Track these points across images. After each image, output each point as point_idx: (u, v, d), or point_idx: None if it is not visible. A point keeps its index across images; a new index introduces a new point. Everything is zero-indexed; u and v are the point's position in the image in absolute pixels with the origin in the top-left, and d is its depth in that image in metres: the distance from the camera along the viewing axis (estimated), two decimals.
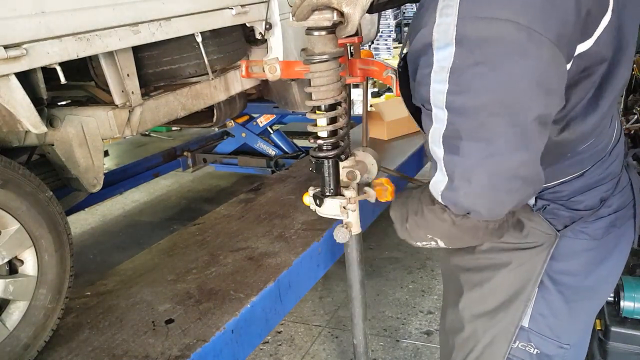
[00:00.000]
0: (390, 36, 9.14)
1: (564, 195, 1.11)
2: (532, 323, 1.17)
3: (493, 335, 1.21)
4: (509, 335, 1.18)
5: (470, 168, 0.90)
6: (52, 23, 1.49)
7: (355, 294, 1.76)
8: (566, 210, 1.11)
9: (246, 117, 4.14)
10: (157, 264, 2.13)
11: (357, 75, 1.67)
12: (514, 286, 1.16)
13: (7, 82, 1.43)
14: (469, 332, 1.25)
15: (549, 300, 1.15)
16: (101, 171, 1.92)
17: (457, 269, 1.30)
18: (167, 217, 4.31)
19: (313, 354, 2.57)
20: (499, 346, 1.20)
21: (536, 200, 1.12)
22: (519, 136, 0.86)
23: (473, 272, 1.24)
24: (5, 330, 1.48)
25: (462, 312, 1.26)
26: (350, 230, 1.57)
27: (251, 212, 2.57)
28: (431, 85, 0.88)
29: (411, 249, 3.46)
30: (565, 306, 1.15)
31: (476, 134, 0.87)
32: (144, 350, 1.58)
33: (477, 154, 0.88)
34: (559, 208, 1.11)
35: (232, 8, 2.23)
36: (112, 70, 1.81)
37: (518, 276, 1.16)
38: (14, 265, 1.53)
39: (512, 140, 0.86)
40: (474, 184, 0.91)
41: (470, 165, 0.89)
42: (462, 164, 0.90)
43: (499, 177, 0.90)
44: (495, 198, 0.93)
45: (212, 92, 2.34)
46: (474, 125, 0.86)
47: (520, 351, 1.19)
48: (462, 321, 1.27)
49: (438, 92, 0.87)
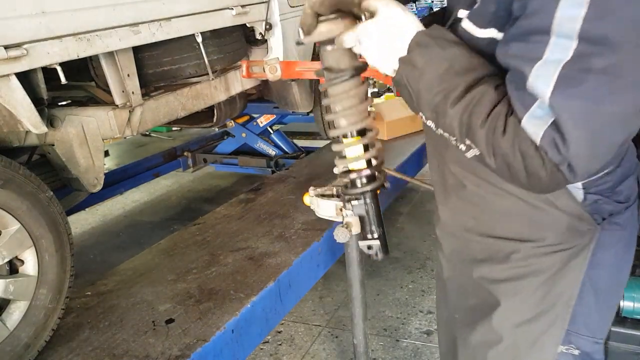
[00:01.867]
0: None
1: (609, 187, 1.03)
2: (571, 324, 1.10)
3: (538, 342, 1.12)
4: (557, 339, 1.10)
5: (590, 105, 0.76)
6: (52, 23, 1.49)
7: (355, 294, 1.76)
8: (610, 203, 1.03)
9: (246, 117, 4.14)
10: (157, 264, 2.13)
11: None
12: (558, 289, 1.08)
13: (8, 82, 1.43)
14: (509, 342, 1.15)
15: (582, 297, 1.08)
16: (101, 171, 1.92)
17: (485, 281, 1.17)
18: (167, 217, 4.31)
19: (313, 354, 2.57)
20: (545, 353, 1.11)
21: (585, 196, 1.02)
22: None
23: (510, 282, 1.12)
24: (5, 330, 1.48)
25: (499, 324, 1.15)
26: (350, 230, 1.57)
27: (251, 212, 2.57)
28: (558, 10, 0.75)
29: (411, 249, 3.46)
30: (595, 300, 1.10)
31: (612, 69, 0.74)
32: (144, 350, 1.59)
33: (604, 89, 0.75)
34: (604, 201, 1.03)
35: (232, 8, 2.23)
36: (113, 70, 1.82)
37: (562, 279, 1.07)
38: (15, 265, 1.53)
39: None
40: (589, 124, 0.77)
41: (591, 102, 0.76)
42: (582, 99, 0.76)
43: (616, 117, 0.77)
44: (602, 145, 0.80)
45: (212, 92, 2.34)
46: (612, 60, 0.74)
47: (564, 355, 1.12)
48: (499, 333, 1.15)
49: (568, 18, 0.74)
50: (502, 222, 1.10)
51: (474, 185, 1.10)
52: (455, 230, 1.21)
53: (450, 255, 1.28)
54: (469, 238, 1.18)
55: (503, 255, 1.11)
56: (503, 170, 0.87)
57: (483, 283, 1.17)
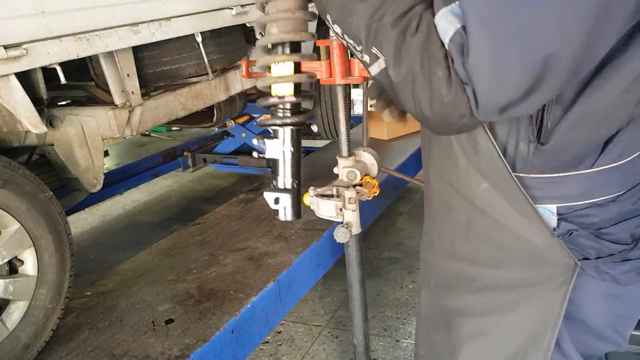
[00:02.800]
0: None
1: (594, 222, 0.88)
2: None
3: None
4: None
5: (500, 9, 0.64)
6: (52, 23, 1.49)
7: (355, 294, 1.76)
8: (593, 240, 0.88)
9: (246, 117, 4.14)
10: (157, 264, 2.13)
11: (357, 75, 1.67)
12: (528, 333, 0.93)
13: (7, 82, 1.43)
14: None
15: (562, 348, 0.94)
16: (101, 171, 1.92)
17: (450, 313, 1.04)
18: (167, 217, 4.31)
19: (313, 354, 2.57)
20: None
21: (559, 223, 0.88)
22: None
23: (473, 318, 1.00)
24: (5, 330, 1.48)
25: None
26: (350, 230, 1.57)
27: (251, 212, 2.57)
28: None
29: (411, 249, 3.46)
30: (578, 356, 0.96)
31: None
32: (144, 350, 1.58)
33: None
34: (585, 236, 0.88)
35: (232, 8, 2.23)
36: (112, 70, 1.82)
37: (532, 321, 0.92)
38: (14, 265, 1.53)
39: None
40: (495, 33, 0.65)
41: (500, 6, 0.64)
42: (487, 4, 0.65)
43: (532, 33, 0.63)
44: (508, 66, 0.67)
45: (212, 92, 2.34)
46: None
47: None
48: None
49: None
50: (463, 240, 0.98)
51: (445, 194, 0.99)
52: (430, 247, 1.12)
53: (421, 281, 1.18)
54: (437, 260, 1.08)
55: (465, 282, 0.99)
56: (406, 87, 0.75)
57: (449, 316, 1.05)
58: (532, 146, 0.83)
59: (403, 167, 3.03)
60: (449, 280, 1.04)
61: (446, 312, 1.05)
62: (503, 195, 0.88)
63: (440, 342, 1.08)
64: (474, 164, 0.90)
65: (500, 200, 0.89)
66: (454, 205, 0.98)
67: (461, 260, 1.00)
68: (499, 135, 0.86)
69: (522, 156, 0.85)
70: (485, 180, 0.89)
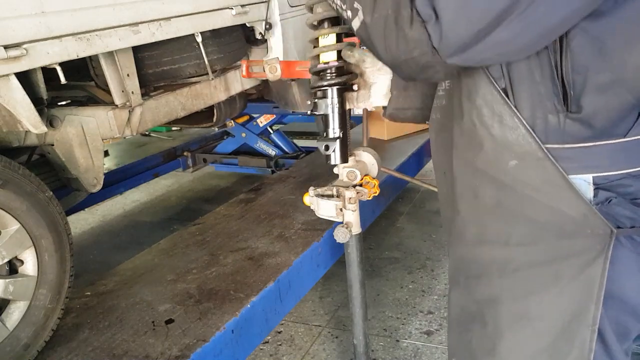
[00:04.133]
0: None
1: (630, 192, 0.87)
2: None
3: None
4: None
5: None
6: (52, 23, 1.49)
7: (355, 294, 1.76)
8: (629, 209, 0.87)
9: (246, 117, 4.14)
10: (157, 264, 2.13)
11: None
12: (572, 309, 0.90)
13: (7, 82, 1.43)
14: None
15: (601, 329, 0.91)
16: (101, 171, 1.92)
17: (485, 305, 1.01)
18: (167, 217, 4.31)
19: (313, 354, 2.57)
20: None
21: (596, 192, 0.87)
22: None
23: (511, 303, 0.96)
24: (5, 330, 1.48)
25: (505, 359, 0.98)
26: (350, 230, 1.57)
27: (251, 212, 2.57)
28: None
29: (411, 249, 3.46)
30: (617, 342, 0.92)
31: None
32: (144, 350, 1.58)
33: None
34: (622, 204, 0.87)
35: (232, 8, 2.23)
36: (112, 70, 1.81)
37: (574, 295, 0.90)
38: (14, 265, 1.53)
39: None
40: None
41: None
42: None
43: None
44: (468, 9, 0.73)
45: (212, 92, 2.34)
46: None
47: None
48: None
49: None
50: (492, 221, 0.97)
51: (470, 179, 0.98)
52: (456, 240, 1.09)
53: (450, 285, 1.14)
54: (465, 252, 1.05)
55: (498, 266, 0.97)
56: (378, 31, 0.82)
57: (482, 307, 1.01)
58: (562, 116, 0.84)
59: (403, 167, 3.03)
60: (481, 269, 1.01)
61: (480, 306, 1.02)
62: (533, 169, 0.88)
63: (476, 340, 1.04)
64: (501, 142, 0.89)
65: (530, 175, 0.88)
66: (480, 189, 0.96)
67: (491, 243, 0.98)
68: (524, 109, 0.86)
69: (553, 128, 0.85)
70: (513, 156, 0.89)
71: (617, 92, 0.80)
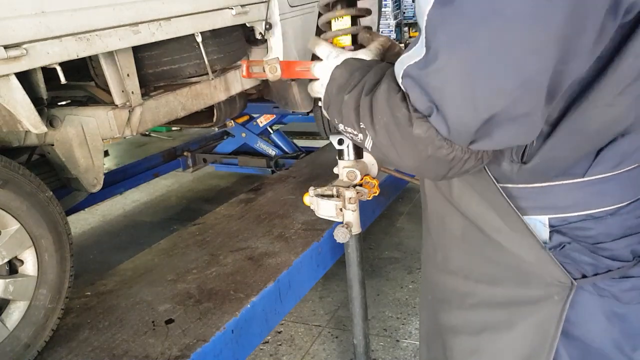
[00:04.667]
0: (390, 36, 9.15)
1: (590, 235, 0.81)
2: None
3: None
4: None
5: (462, 29, 0.61)
6: (52, 23, 1.49)
7: (355, 294, 1.75)
8: (588, 255, 0.81)
9: (246, 117, 4.14)
10: (157, 264, 2.13)
11: None
12: (523, 354, 0.88)
13: (7, 82, 1.43)
14: None
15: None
16: (101, 171, 1.92)
17: (445, 330, 1.02)
18: (167, 217, 4.31)
19: (313, 354, 2.57)
20: None
21: (551, 235, 0.82)
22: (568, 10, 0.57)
23: (466, 336, 0.96)
24: (5, 330, 1.48)
25: None
26: (350, 230, 1.57)
27: (251, 212, 2.57)
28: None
29: (411, 249, 3.46)
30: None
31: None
32: (144, 350, 1.58)
33: (482, 8, 0.60)
34: (580, 251, 0.81)
35: (232, 8, 2.23)
36: (112, 70, 1.81)
37: (527, 341, 0.87)
38: (14, 265, 1.53)
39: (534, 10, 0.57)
40: (457, 55, 0.63)
41: (464, 24, 0.61)
42: (453, 21, 0.62)
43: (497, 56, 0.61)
44: (473, 92, 0.63)
45: (212, 92, 2.34)
46: None
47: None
48: None
49: None
50: (456, 253, 0.96)
51: (439, 205, 0.97)
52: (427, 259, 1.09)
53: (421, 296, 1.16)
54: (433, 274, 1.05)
55: (458, 297, 0.96)
56: (386, 142, 0.77)
57: (444, 333, 1.02)
58: (516, 166, 0.80)
59: None
60: (443, 295, 1.02)
61: (441, 329, 1.03)
62: (493, 208, 0.85)
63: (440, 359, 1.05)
64: (465, 180, 0.88)
65: (491, 214, 0.86)
66: (447, 217, 0.96)
67: (454, 274, 0.97)
68: None
69: (505, 173, 0.82)
70: (475, 193, 0.87)
71: (577, 141, 0.74)
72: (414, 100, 0.70)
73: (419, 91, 0.68)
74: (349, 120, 0.85)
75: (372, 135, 0.79)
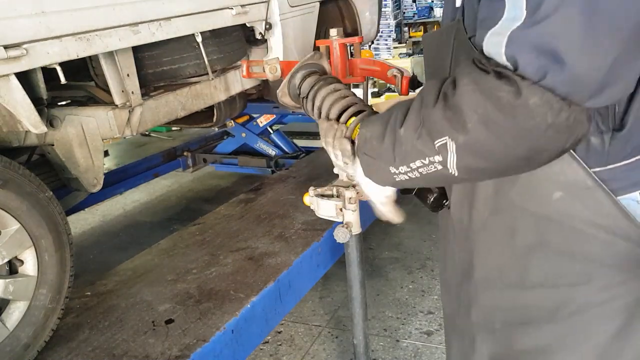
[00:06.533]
0: (390, 36, 9.14)
1: None
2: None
3: None
4: None
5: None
6: (52, 23, 1.49)
7: (355, 294, 1.75)
8: None
9: (246, 117, 4.14)
10: (157, 264, 2.13)
11: (357, 75, 1.67)
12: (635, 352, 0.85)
13: (7, 82, 1.43)
14: None
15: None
16: (101, 171, 1.92)
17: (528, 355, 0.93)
18: (167, 217, 4.31)
19: (313, 354, 2.57)
20: None
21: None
22: None
23: (566, 353, 0.89)
24: (5, 330, 1.48)
25: None
26: (350, 230, 1.57)
27: (251, 212, 2.57)
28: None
29: (411, 249, 3.46)
30: None
31: None
32: (144, 350, 1.58)
33: None
34: None
35: (232, 8, 2.23)
36: (112, 70, 1.81)
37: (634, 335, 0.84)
38: (14, 265, 1.53)
39: None
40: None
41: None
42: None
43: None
44: (596, 34, 0.61)
45: (212, 92, 2.34)
46: None
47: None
48: None
49: None
50: (537, 262, 0.87)
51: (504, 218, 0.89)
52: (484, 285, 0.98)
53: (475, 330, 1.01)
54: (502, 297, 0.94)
55: (548, 311, 0.87)
56: (484, 136, 0.69)
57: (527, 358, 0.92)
58: (607, 136, 0.77)
59: None
60: (524, 316, 0.92)
61: (523, 357, 0.94)
62: (581, 200, 0.80)
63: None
64: (540, 174, 0.80)
65: (578, 207, 0.81)
66: (519, 225, 0.87)
67: (539, 287, 0.88)
68: None
69: (596, 150, 0.79)
70: (558, 187, 0.81)
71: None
72: (525, 65, 0.64)
73: (531, 52, 0.64)
74: (414, 153, 0.79)
75: (463, 141, 0.71)
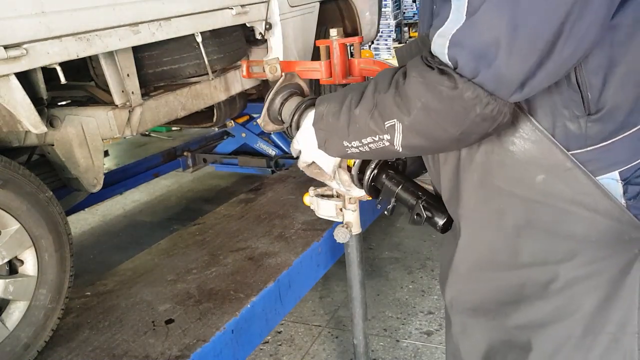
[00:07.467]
0: (390, 36, 9.15)
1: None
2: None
3: None
4: None
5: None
6: (52, 23, 1.49)
7: (355, 294, 1.75)
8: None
9: (246, 117, 4.14)
10: (157, 264, 2.13)
11: (357, 75, 1.67)
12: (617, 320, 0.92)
13: (7, 82, 1.43)
14: None
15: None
16: (101, 171, 1.92)
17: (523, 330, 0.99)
18: (167, 217, 4.31)
19: (313, 354, 2.57)
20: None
21: (625, 188, 0.86)
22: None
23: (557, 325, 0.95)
24: (5, 330, 1.48)
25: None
26: (350, 230, 1.57)
27: (251, 212, 2.57)
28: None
29: (411, 249, 3.46)
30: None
31: None
32: (144, 350, 1.58)
33: None
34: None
35: (232, 8, 2.23)
36: (112, 70, 1.81)
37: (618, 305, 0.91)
38: (14, 265, 1.53)
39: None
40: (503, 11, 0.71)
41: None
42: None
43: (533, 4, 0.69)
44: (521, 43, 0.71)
45: (212, 92, 2.34)
46: None
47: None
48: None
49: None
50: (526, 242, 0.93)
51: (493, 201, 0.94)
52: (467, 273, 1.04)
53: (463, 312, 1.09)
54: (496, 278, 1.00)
55: (539, 288, 0.94)
56: (425, 121, 0.81)
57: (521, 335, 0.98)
58: (582, 121, 0.83)
59: None
60: (517, 294, 0.98)
61: (518, 333, 1.00)
62: (562, 180, 0.86)
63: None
64: (523, 158, 0.87)
65: (560, 187, 0.86)
66: (507, 209, 0.93)
67: (529, 265, 0.94)
68: (542, 121, 0.85)
69: (574, 134, 0.84)
70: (540, 170, 0.87)
71: (634, 81, 0.81)
72: (463, 65, 0.75)
73: (468, 54, 0.74)
74: (366, 131, 0.90)
75: (408, 123, 0.83)
